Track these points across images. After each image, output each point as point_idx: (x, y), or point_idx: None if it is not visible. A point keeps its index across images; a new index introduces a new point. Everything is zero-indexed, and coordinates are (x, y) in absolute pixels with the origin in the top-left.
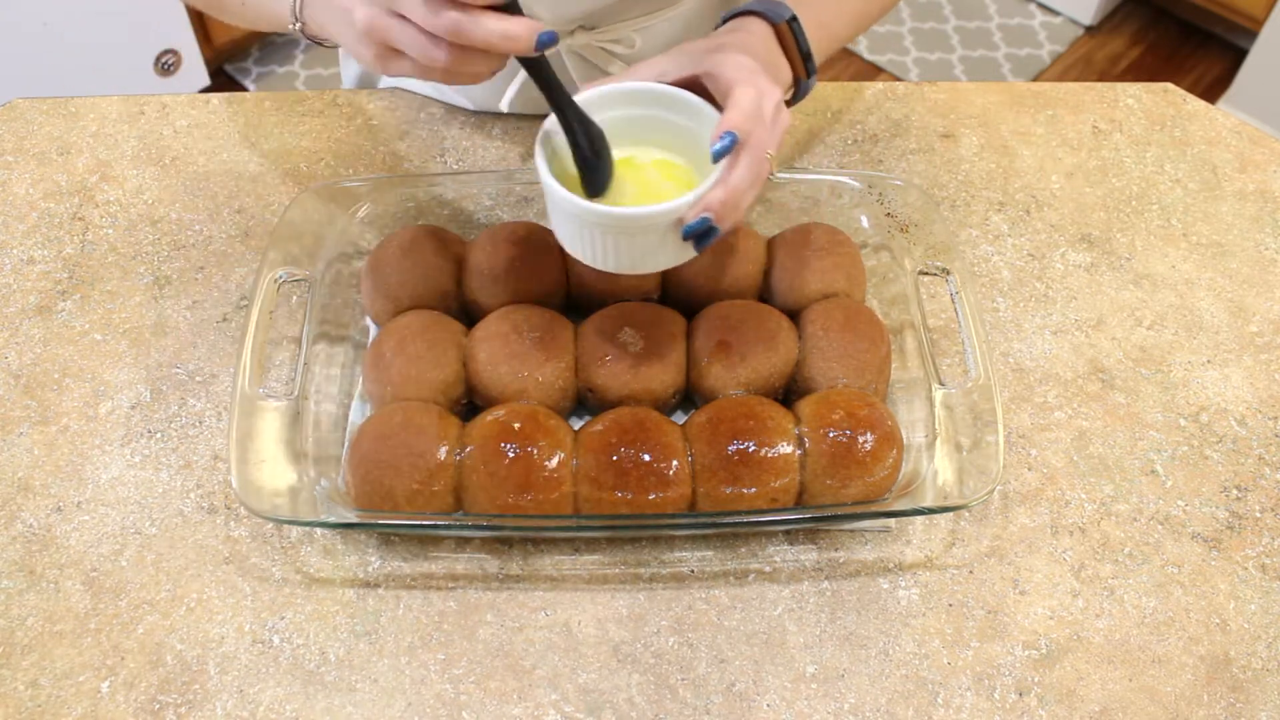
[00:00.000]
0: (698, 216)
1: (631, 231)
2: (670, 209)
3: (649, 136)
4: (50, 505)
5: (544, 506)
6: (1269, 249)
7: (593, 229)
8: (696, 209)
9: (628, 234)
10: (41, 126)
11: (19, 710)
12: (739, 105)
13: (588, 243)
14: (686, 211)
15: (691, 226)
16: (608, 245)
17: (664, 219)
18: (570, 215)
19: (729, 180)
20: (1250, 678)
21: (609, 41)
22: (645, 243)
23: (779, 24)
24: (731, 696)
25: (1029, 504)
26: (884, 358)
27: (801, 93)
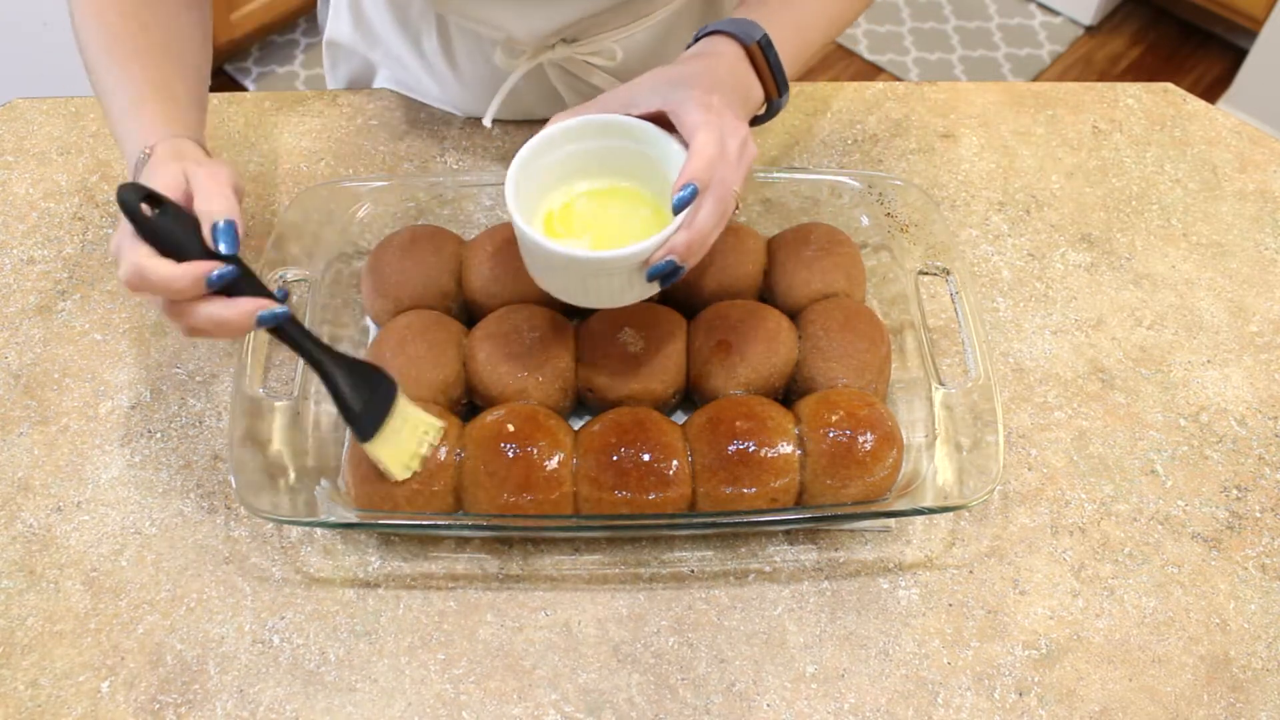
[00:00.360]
0: (663, 259)
1: (599, 273)
2: (636, 252)
3: (618, 167)
4: (50, 505)
5: (544, 506)
6: (1269, 249)
7: (562, 270)
8: (662, 251)
9: (594, 275)
10: (41, 126)
11: (19, 710)
12: (699, 153)
13: (558, 281)
14: (651, 254)
15: (656, 268)
16: (576, 283)
17: (630, 262)
18: (540, 255)
19: (693, 224)
20: (1250, 678)
21: (589, 54)
22: (612, 282)
23: (750, 45)
24: (731, 696)
25: (1029, 504)
26: (884, 358)
27: (773, 110)
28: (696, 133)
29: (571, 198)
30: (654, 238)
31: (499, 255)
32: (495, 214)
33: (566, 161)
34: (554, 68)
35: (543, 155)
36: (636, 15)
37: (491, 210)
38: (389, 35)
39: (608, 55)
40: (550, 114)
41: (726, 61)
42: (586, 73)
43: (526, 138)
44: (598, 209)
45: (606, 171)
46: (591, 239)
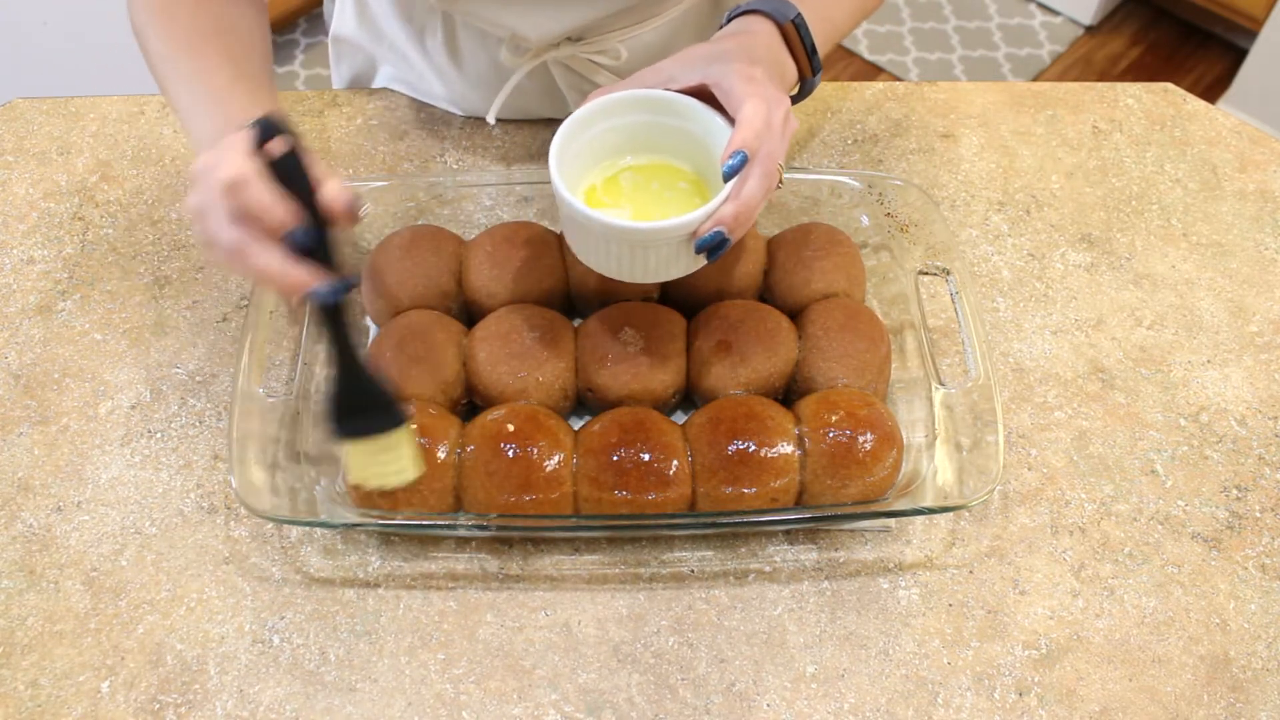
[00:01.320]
0: (711, 230)
1: (646, 244)
2: (685, 223)
3: (658, 142)
4: (50, 505)
5: (544, 506)
6: (1269, 249)
7: (608, 242)
8: (710, 223)
9: (642, 246)
10: (41, 126)
11: (19, 710)
12: (748, 123)
13: (602, 254)
14: (700, 225)
15: (705, 240)
16: (623, 256)
17: (678, 232)
18: (586, 229)
19: (740, 195)
20: (1250, 678)
21: (595, 53)
22: (659, 254)
23: (784, 23)
24: (731, 696)
25: (1029, 504)
26: (884, 358)
27: (806, 90)
28: (744, 103)
29: (616, 172)
30: (702, 209)
31: (499, 255)
32: (495, 214)
33: (606, 137)
34: (558, 66)
35: (584, 131)
36: (644, 16)
37: (491, 210)
38: (393, 30)
39: (613, 55)
40: (553, 113)
41: (762, 39)
42: (591, 71)
43: (527, 138)
44: (639, 184)
45: (646, 147)
46: (633, 213)
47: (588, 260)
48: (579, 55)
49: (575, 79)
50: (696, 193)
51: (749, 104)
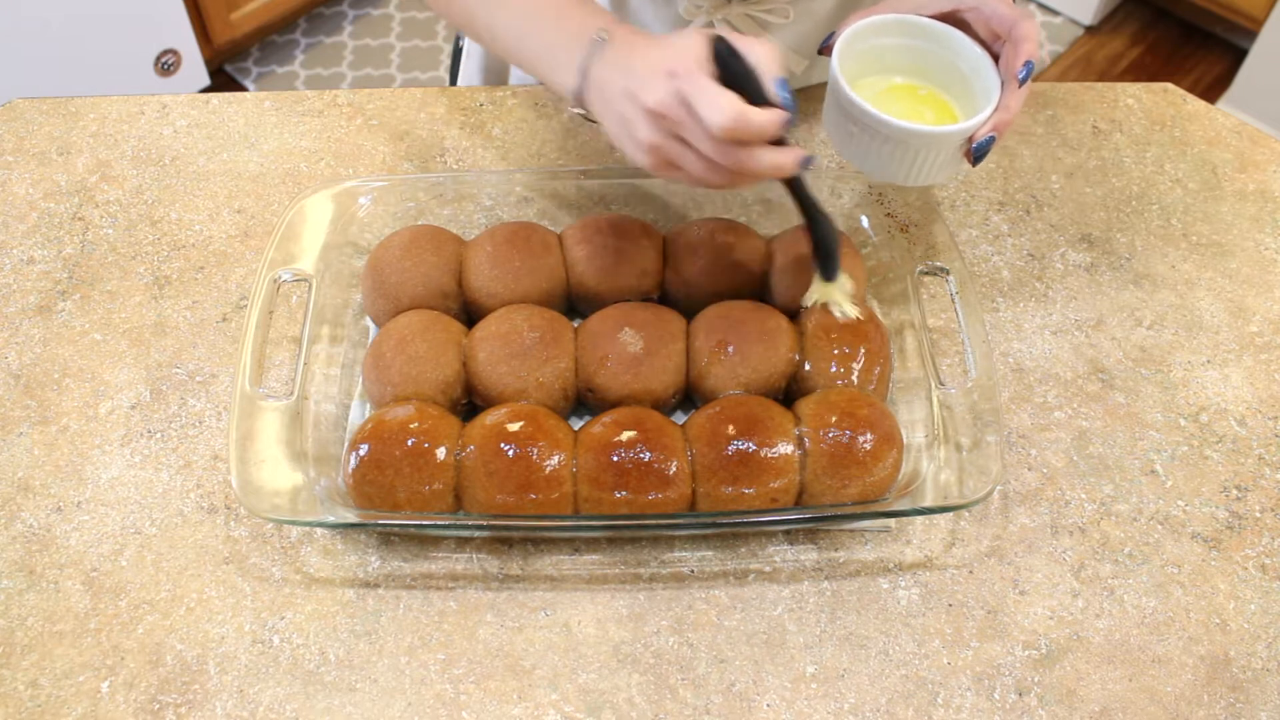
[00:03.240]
0: (987, 134)
1: (928, 146)
2: (967, 127)
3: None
4: (50, 505)
5: (544, 506)
6: (1269, 249)
7: (886, 143)
8: (987, 128)
9: (923, 149)
10: (41, 126)
11: (19, 710)
12: (1031, 36)
13: (874, 154)
14: (978, 129)
15: (981, 143)
16: (894, 159)
17: (958, 137)
18: (866, 129)
19: (1014, 104)
20: (1250, 678)
21: (763, 13)
22: (932, 158)
23: None
24: (731, 696)
25: (1029, 504)
26: (884, 358)
27: None
28: (1019, 21)
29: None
30: (979, 116)
31: (499, 255)
32: (495, 214)
33: (868, 54)
34: (723, 26)
35: (855, 44)
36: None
37: (491, 210)
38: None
39: (781, 14)
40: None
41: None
42: (756, 31)
43: (527, 138)
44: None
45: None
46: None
47: (853, 157)
48: (747, 15)
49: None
50: (941, 111)
51: (1024, 22)
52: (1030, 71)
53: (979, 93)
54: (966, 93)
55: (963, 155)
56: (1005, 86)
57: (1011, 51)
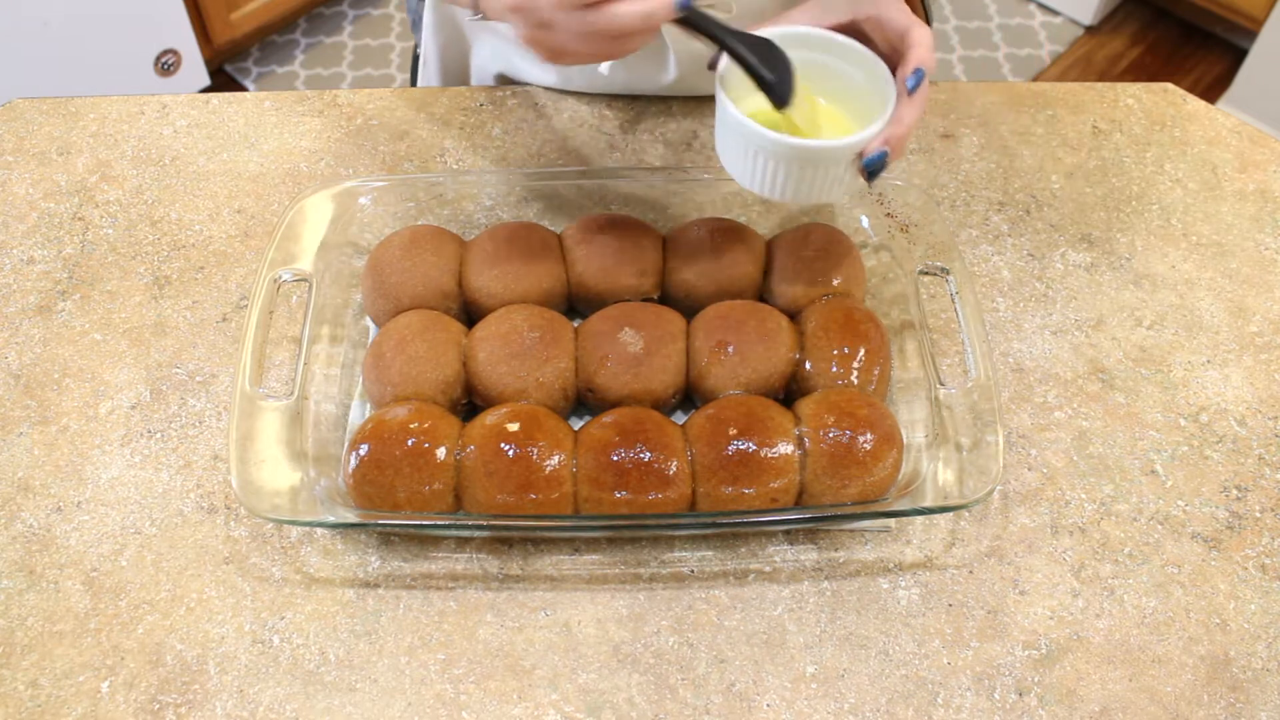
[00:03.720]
0: (878, 149)
1: (816, 163)
2: (857, 141)
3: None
4: (50, 505)
5: (544, 506)
6: (1269, 249)
7: (776, 160)
8: (878, 141)
9: (812, 165)
10: (41, 126)
11: (19, 710)
12: (923, 43)
13: (767, 174)
14: (868, 144)
15: (872, 158)
16: (783, 176)
17: (849, 151)
18: (751, 146)
19: (907, 116)
20: (1250, 678)
21: (707, 5)
22: (825, 174)
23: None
24: (731, 696)
25: (1029, 504)
26: (884, 358)
27: None
28: (911, 28)
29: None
30: (870, 128)
31: (499, 255)
32: (495, 214)
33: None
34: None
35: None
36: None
37: (491, 210)
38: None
39: (724, 7)
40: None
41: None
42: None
43: (527, 138)
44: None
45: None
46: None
47: (744, 178)
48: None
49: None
50: (838, 125)
51: (917, 29)
52: (920, 79)
53: (877, 106)
54: (865, 107)
55: (858, 171)
56: (897, 97)
57: (902, 60)
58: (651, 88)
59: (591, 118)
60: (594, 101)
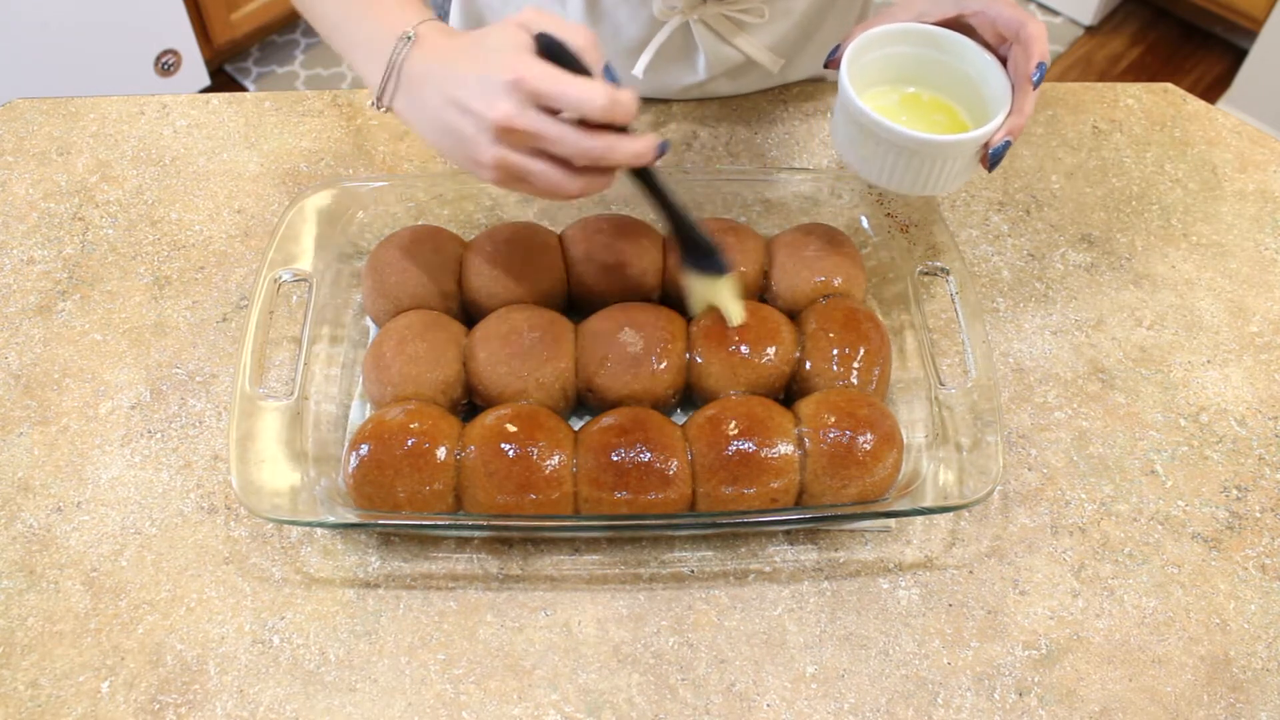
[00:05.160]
0: (1003, 139)
1: (943, 155)
2: (982, 134)
3: (914, 73)
4: (50, 505)
5: (544, 506)
6: (1269, 249)
7: (901, 154)
8: (1002, 133)
9: (938, 158)
10: (41, 126)
11: (19, 710)
12: (1042, 37)
13: (889, 166)
14: (993, 135)
15: (998, 149)
16: (909, 168)
17: (974, 144)
18: (879, 141)
19: (1026, 107)
20: (1250, 678)
21: (739, 12)
22: (948, 166)
23: None
24: (731, 696)
25: (1029, 504)
26: (884, 358)
27: None
28: (1026, 23)
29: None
30: (993, 122)
31: (499, 255)
32: (495, 214)
33: (874, 64)
34: (699, 25)
35: (861, 55)
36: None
37: (491, 210)
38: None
39: (756, 13)
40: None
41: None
42: (731, 32)
43: None
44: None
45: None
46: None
47: (866, 169)
48: (722, 14)
49: (714, 40)
50: (950, 118)
51: (1031, 23)
52: (1044, 72)
53: (988, 98)
54: (975, 98)
55: (978, 161)
56: (1017, 89)
57: (1021, 53)
58: (678, 89)
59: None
60: None
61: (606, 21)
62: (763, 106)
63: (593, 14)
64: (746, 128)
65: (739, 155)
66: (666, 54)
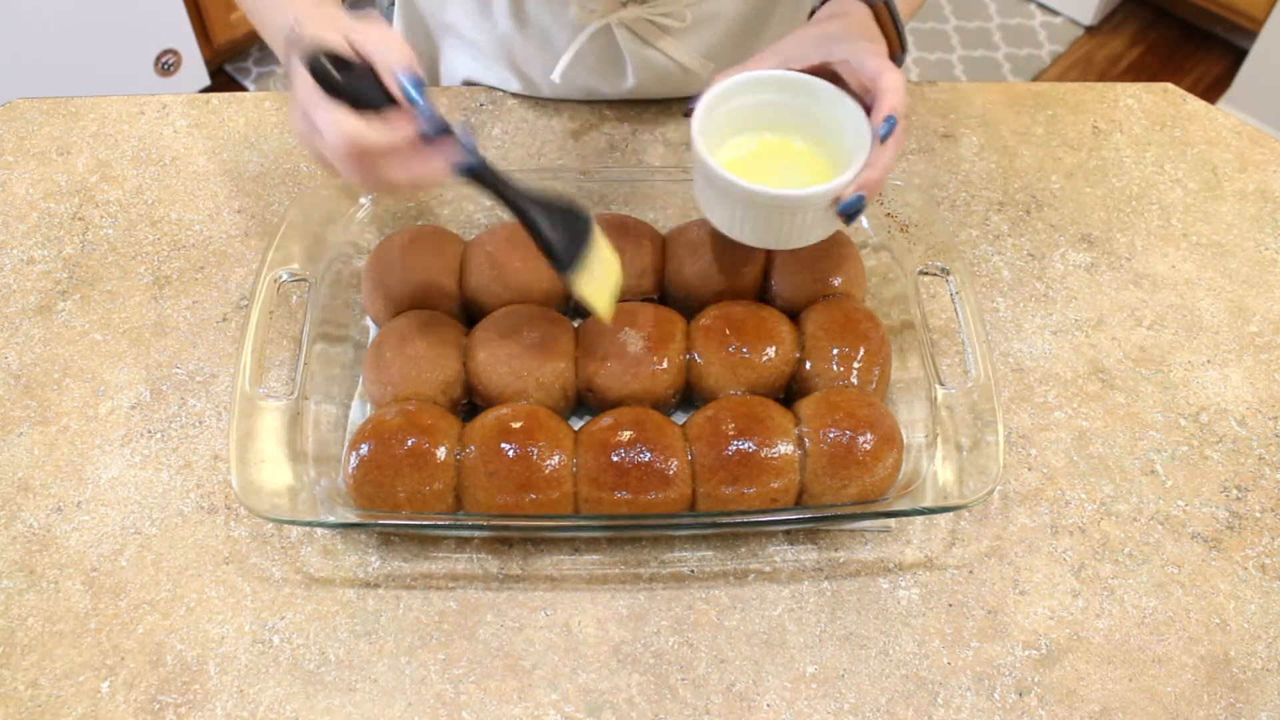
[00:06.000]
0: (854, 194)
1: (792, 210)
2: (830, 189)
3: (777, 121)
4: (50, 505)
5: (544, 506)
6: (1269, 249)
7: (750, 209)
8: (853, 187)
9: (788, 212)
10: (41, 126)
11: (19, 710)
12: (895, 89)
13: (740, 220)
14: (843, 190)
15: (848, 203)
16: (761, 222)
17: (823, 198)
18: (728, 194)
19: (881, 161)
20: (1250, 678)
21: (660, 15)
22: (800, 220)
23: (876, 4)
24: (731, 696)
25: (1029, 504)
26: (884, 358)
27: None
28: (883, 74)
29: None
30: (846, 175)
31: (499, 255)
32: (495, 214)
33: (735, 114)
34: (622, 29)
35: (719, 106)
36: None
37: (491, 210)
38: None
39: (678, 18)
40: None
41: (859, 20)
42: (654, 35)
43: (526, 138)
44: (763, 159)
45: (768, 125)
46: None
47: (723, 225)
48: (643, 17)
49: (637, 45)
50: (812, 168)
51: (888, 74)
52: (892, 127)
53: (853, 148)
54: (840, 149)
55: (834, 216)
56: (870, 143)
57: (875, 106)
58: (613, 93)
59: (592, 118)
60: (594, 102)
61: (533, 26)
62: None
63: (519, 19)
64: None
65: None
66: (592, 59)
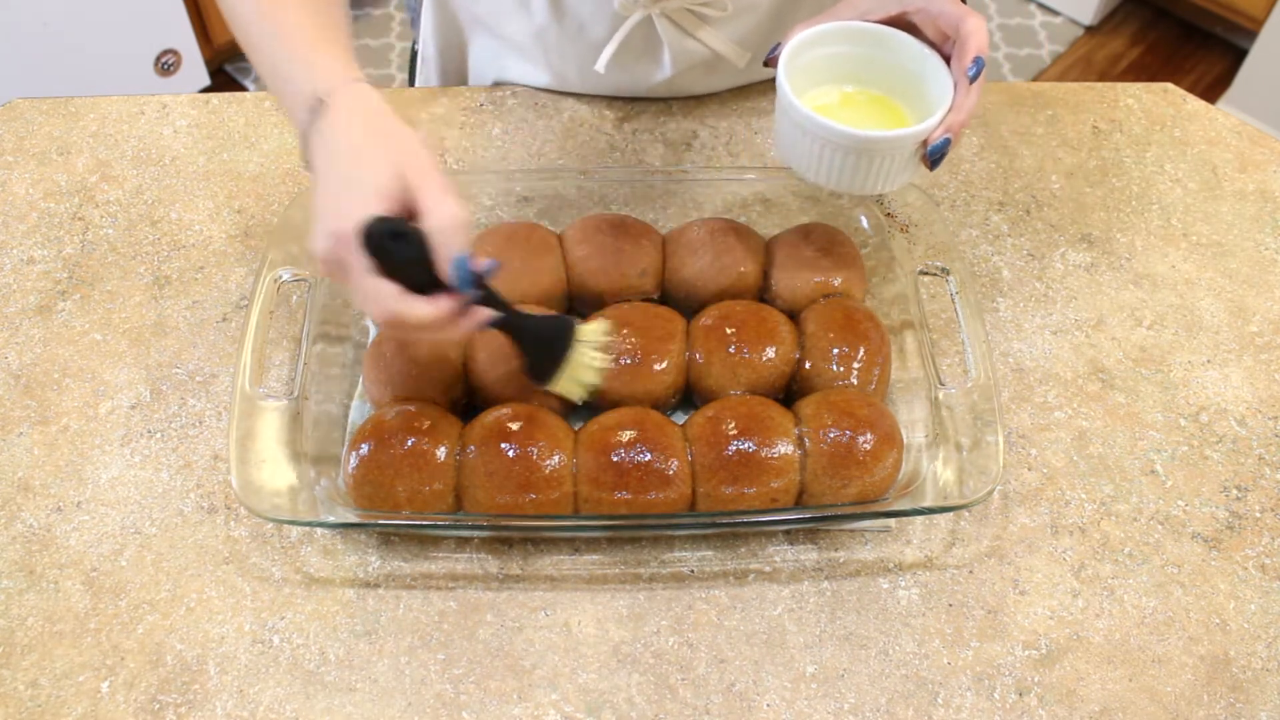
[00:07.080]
0: (941, 136)
1: (882, 152)
2: (921, 130)
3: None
4: (50, 505)
5: (544, 506)
6: (1269, 249)
7: (840, 151)
8: (940, 130)
9: (877, 155)
10: (41, 126)
11: (19, 710)
12: (980, 32)
13: (828, 165)
14: (931, 132)
15: (936, 146)
16: (850, 167)
17: (913, 141)
18: (817, 139)
19: (966, 104)
20: (1250, 678)
21: (700, 6)
22: (887, 163)
23: None
24: (731, 696)
25: (1029, 504)
26: (884, 358)
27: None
28: (966, 18)
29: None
30: (933, 118)
31: (499, 255)
32: (495, 214)
33: (815, 64)
34: (662, 19)
35: (799, 55)
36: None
37: (491, 210)
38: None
39: (719, 6)
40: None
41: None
42: (694, 26)
43: (527, 138)
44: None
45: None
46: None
47: (807, 170)
48: (684, 7)
49: (678, 35)
50: (894, 116)
51: (971, 18)
52: (980, 68)
53: (931, 96)
54: (918, 96)
55: (919, 159)
56: (957, 86)
57: (959, 49)
58: (646, 86)
59: (591, 118)
60: (594, 101)
61: (570, 19)
62: (762, 106)
63: (556, 11)
64: (746, 128)
65: (739, 155)
66: (630, 50)
